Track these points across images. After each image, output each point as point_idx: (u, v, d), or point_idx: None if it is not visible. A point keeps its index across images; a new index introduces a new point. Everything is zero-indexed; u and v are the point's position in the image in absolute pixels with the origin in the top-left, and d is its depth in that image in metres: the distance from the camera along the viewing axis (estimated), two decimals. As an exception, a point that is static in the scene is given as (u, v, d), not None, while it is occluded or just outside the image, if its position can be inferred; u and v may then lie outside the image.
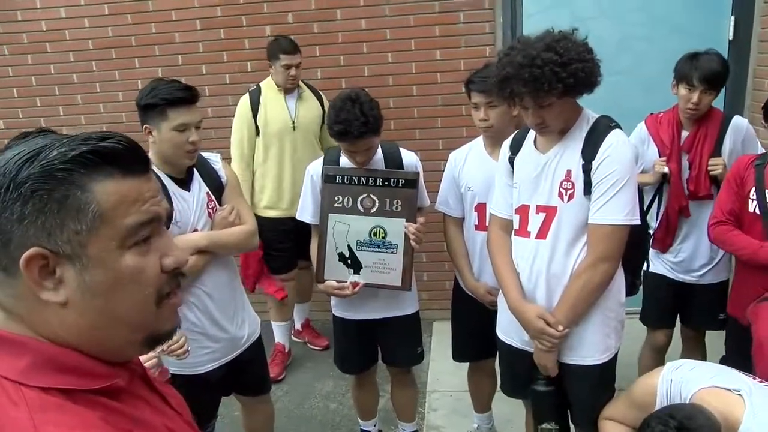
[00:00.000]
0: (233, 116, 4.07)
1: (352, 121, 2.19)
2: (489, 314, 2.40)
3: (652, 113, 2.85)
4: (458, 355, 2.75)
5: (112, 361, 0.78)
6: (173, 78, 2.17)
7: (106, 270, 0.72)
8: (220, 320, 2.22)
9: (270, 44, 3.47)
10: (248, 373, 2.41)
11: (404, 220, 2.36)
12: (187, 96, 2.07)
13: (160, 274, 0.78)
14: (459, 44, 3.77)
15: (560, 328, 1.93)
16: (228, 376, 2.33)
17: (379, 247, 2.38)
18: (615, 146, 1.85)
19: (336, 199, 2.38)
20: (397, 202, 2.35)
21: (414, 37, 3.80)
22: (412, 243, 2.36)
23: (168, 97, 2.04)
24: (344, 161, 2.42)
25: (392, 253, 2.38)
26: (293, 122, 3.49)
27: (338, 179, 2.38)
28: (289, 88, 3.48)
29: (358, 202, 2.37)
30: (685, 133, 2.71)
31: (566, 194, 1.92)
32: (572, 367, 2.03)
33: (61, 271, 0.71)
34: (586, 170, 1.88)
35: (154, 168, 2.10)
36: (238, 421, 2.75)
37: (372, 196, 2.36)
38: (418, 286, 4.07)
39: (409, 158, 2.48)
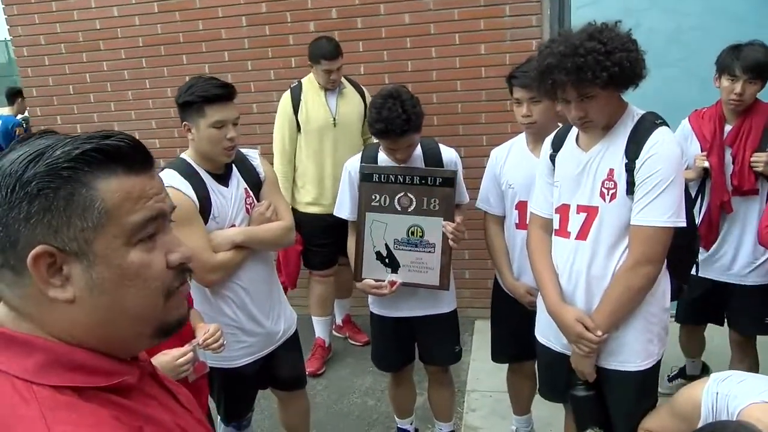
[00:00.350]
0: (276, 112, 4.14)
1: (394, 119, 2.17)
2: (529, 315, 2.34)
3: (696, 109, 2.75)
4: (497, 356, 2.70)
5: (121, 358, 0.78)
6: (212, 75, 2.20)
7: (112, 266, 0.73)
8: (256, 315, 2.25)
9: (312, 46, 3.45)
10: (284, 368, 2.43)
11: (442, 219, 2.32)
12: (224, 93, 2.09)
13: (167, 270, 0.78)
14: (504, 38, 3.69)
15: (599, 333, 1.87)
16: (264, 370, 2.35)
17: (416, 246, 2.36)
18: (660, 144, 1.77)
19: (373, 197, 2.36)
20: (435, 201, 2.31)
21: (458, 31, 3.74)
22: (450, 242, 2.32)
23: (205, 95, 2.06)
24: (382, 158, 2.40)
25: (430, 252, 2.35)
26: (334, 119, 3.47)
27: (375, 177, 2.36)
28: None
29: (396, 201, 2.34)
30: (728, 127, 2.61)
31: (608, 194, 1.85)
32: (611, 372, 1.96)
33: (69, 269, 0.72)
34: (630, 169, 1.80)
35: (194, 164, 2.13)
36: (278, 414, 2.77)
37: (409, 194, 2.33)
38: (460, 284, 4.05)
39: (449, 155, 2.44)
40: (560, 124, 2.40)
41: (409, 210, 2.34)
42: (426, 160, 2.39)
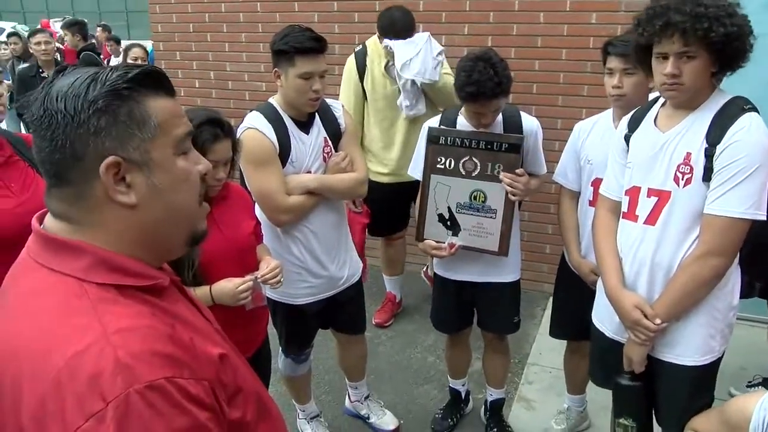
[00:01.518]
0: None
1: (485, 81, 2.14)
2: (592, 294, 2.30)
3: None
4: (555, 331, 2.69)
5: (155, 266, 0.91)
6: (308, 27, 2.26)
7: (167, 172, 0.86)
8: (321, 258, 2.37)
9: (382, 17, 3.28)
10: (344, 312, 2.55)
11: (505, 186, 2.30)
12: (316, 46, 2.16)
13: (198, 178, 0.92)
14: (618, 8, 3.49)
15: (657, 321, 1.81)
16: (325, 311, 2.49)
17: (478, 211, 2.37)
18: (746, 131, 1.66)
19: (439, 159, 2.38)
20: (499, 167, 2.29)
21: (570, -3, 3.59)
22: (509, 194, 2.28)
23: (297, 45, 2.13)
24: (461, 121, 2.40)
25: (491, 217, 2.35)
26: (398, 86, 3.28)
27: (441, 140, 2.36)
28: None
29: (460, 165, 2.35)
30: None
31: (682, 179, 1.76)
32: (666, 364, 1.90)
33: (131, 177, 0.83)
34: (709, 155, 1.71)
35: (279, 110, 2.24)
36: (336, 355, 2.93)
37: (474, 159, 2.32)
38: (539, 258, 4.02)
39: (530, 123, 2.40)
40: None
41: (474, 174, 2.34)
42: (506, 127, 2.36)
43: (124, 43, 6.93)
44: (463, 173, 2.35)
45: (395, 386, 3.24)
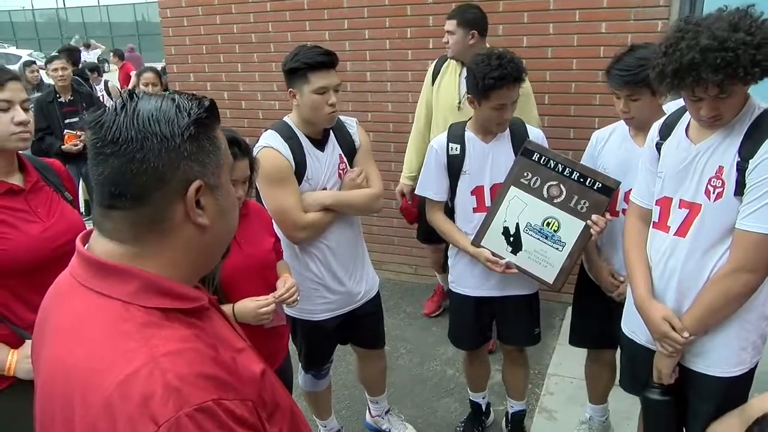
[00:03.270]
0: (390, 81, 4.22)
1: (507, 64, 2.18)
2: (610, 303, 2.32)
3: None
4: (575, 340, 2.67)
5: (195, 287, 0.94)
6: (316, 45, 2.30)
7: (228, 195, 0.93)
8: (339, 274, 2.38)
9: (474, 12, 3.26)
10: (362, 327, 2.57)
11: (584, 223, 2.25)
12: (327, 60, 2.20)
13: None
14: (628, 17, 3.51)
15: (686, 334, 1.80)
16: (344, 326, 2.50)
17: (546, 238, 2.31)
18: None
19: (525, 174, 2.32)
20: (585, 203, 2.24)
21: (579, 7, 3.61)
22: (593, 231, 2.23)
23: (309, 61, 2.17)
24: (469, 135, 2.41)
25: (557, 249, 2.30)
26: (459, 101, 3.25)
27: (535, 156, 2.31)
28: (464, 62, 3.16)
29: (545, 187, 2.30)
30: None
31: (713, 192, 1.73)
32: (696, 374, 1.88)
33: (204, 199, 0.88)
34: (741, 169, 1.67)
35: (294, 128, 2.28)
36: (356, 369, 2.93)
37: (562, 186, 2.28)
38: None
39: (536, 134, 2.44)
40: (666, 112, 2.29)
41: (555, 201, 2.29)
42: (513, 137, 2.39)
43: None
44: (545, 196, 2.30)
45: (415, 400, 3.23)
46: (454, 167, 2.42)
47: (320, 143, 2.32)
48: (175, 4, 4.68)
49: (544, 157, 2.30)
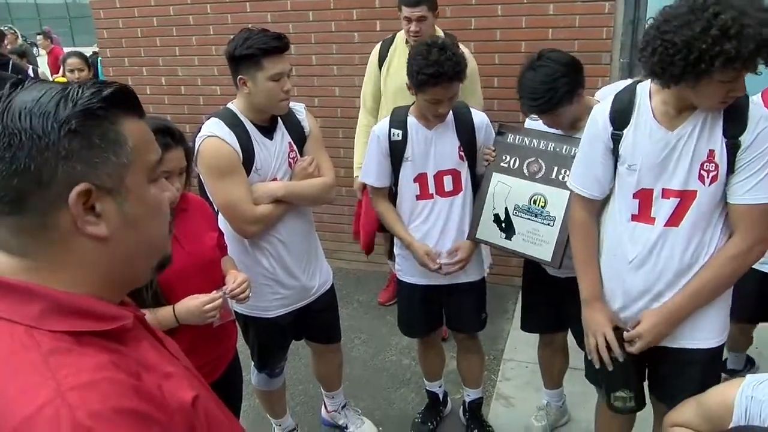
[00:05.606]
0: (337, 65, 4.09)
1: (444, 62, 2.10)
2: (559, 286, 2.30)
3: None
4: (526, 325, 2.64)
5: (117, 303, 0.82)
6: (264, 27, 2.17)
7: (140, 201, 0.79)
8: (292, 268, 2.28)
9: None
10: (318, 321, 2.48)
11: (569, 192, 2.17)
12: (281, 45, 2.07)
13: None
14: (575, -2, 3.50)
15: (636, 345, 1.84)
16: (298, 322, 2.40)
17: (536, 216, 2.26)
18: (767, 118, 1.65)
19: (503, 158, 2.29)
20: (565, 172, 2.18)
21: (527, -12, 3.57)
22: None
23: (264, 47, 2.03)
24: (411, 121, 2.34)
25: (548, 225, 2.24)
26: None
27: (510, 137, 2.28)
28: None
29: (525, 165, 2.26)
30: None
31: (707, 176, 1.71)
32: (682, 351, 1.87)
33: (101, 206, 0.75)
34: (732, 147, 1.67)
35: (240, 115, 2.15)
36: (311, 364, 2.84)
37: (540, 161, 2.24)
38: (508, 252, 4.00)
39: (480, 118, 2.39)
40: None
41: (537, 177, 2.25)
42: (457, 122, 2.34)
43: (66, 50, 6.61)
44: (526, 174, 2.26)
45: (372, 392, 3.17)
46: (396, 154, 2.36)
47: (268, 131, 2.19)
48: (104, -17, 4.41)
49: (518, 136, 2.28)
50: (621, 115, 1.83)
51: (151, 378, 0.75)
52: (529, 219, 2.27)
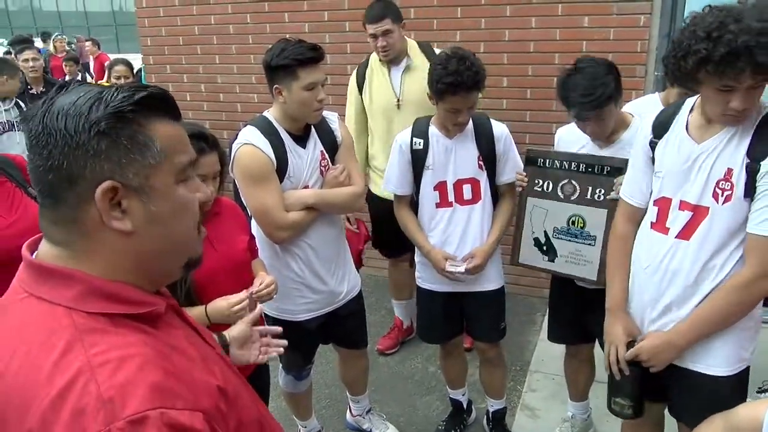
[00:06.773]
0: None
1: (463, 71, 2.15)
2: (586, 297, 2.31)
3: None
4: (553, 336, 2.65)
5: (150, 291, 0.87)
6: (300, 38, 2.23)
7: (166, 200, 0.83)
8: (321, 273, 2.33)
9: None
10: (344, 326, 2.52)
11: (606, 210, 2.20)
12: (316, 56, 2.13)
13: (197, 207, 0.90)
14: (611, 11, 3.49)
15: (642, 358, 1.83)
16: (325, 326, 2.45)
17: (576, 237, 2.28)
18: None
19: (536, 182, 2.33)
20: (600, 191, 2.20)
21: (562, 1, 3.58)
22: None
23: (299, 58, 2.10)
24: (433, 131, 2.39)
25: (590, 245, 2.25)
26: (398, 99, 3.13)
27: (540, 162, 2.32)
28: (392, 60, 3.14)
29: (559, 188, 2.29)
30: None
31: (722, 195, 1.67)
32: (691, 373, 1.83)
33: (127, 203, 0.80)
34: (751, 171, 1.61)
35: (275, 124, 2.21)
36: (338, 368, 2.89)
37: (573, 182, 2.26)
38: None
39: (500, 129, 2.42)
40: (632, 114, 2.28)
41: (572, 198, 2.27)
42: (477, 134, 2.38)
43: (111, 56, 6.85)
44: (562, 197, 2.29)
45: (397, 398, 3.20)
46: (418, 162, 2.41)
47: (301, 139, 2.26)
48: (149, -7, 4.57)
49: (548, 160, 2.30)
50: (662, 124, 1.86)
51: (180, 360, 0.81)
52: (569, 240, 2.29)
